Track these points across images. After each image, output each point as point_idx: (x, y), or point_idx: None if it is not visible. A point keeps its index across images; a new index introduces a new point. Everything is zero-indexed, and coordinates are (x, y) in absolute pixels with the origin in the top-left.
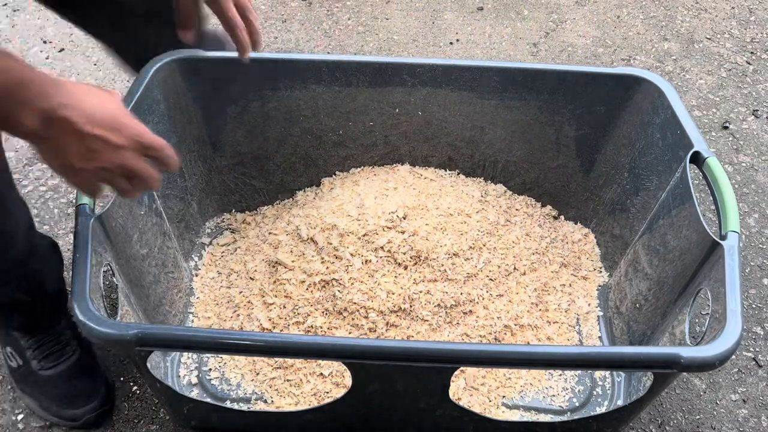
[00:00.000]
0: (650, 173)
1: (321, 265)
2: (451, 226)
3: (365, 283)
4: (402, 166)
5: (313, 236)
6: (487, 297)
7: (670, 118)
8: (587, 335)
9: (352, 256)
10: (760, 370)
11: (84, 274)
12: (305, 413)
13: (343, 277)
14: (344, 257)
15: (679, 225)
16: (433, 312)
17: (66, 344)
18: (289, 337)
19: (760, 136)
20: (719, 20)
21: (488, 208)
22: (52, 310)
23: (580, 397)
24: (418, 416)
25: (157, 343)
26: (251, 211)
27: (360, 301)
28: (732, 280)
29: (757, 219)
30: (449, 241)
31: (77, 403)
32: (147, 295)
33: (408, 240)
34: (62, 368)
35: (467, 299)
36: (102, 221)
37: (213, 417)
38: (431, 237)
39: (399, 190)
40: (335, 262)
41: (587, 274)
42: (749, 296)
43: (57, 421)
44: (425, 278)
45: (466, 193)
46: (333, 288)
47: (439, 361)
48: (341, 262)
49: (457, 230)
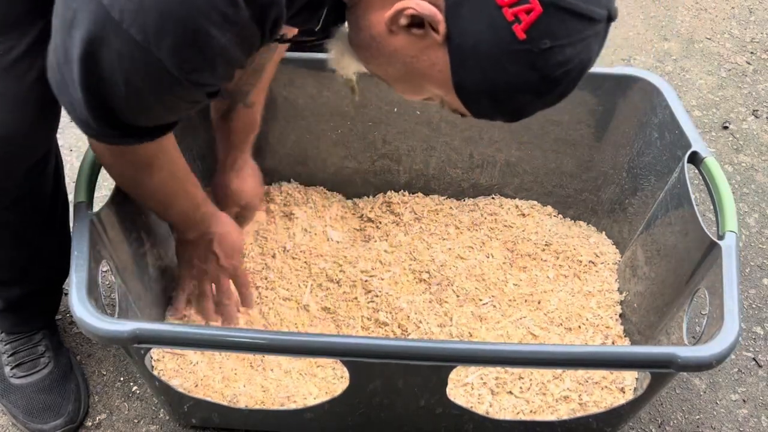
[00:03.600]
0: (648, 173)
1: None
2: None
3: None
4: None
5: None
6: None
7: (668, 118)
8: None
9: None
10: (760, 370)
11: (82, 271)
12: (305, 411)
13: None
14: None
15: (677, 225)
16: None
17: (41, 355)
18: (289, 336)
19: (760, 136)
20: (719, 20)
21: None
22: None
23: None
24: (419, 414)
25: (155, 340)
26: None
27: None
28: (729, 279)
29: (757, 219)
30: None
31: (44, 418)
32: (145, 292)
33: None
34: (33, 379)
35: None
36: (101, 218)
37: (213, 415)
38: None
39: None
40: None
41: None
42: (749, 296)
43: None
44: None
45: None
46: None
47: (435, 360)
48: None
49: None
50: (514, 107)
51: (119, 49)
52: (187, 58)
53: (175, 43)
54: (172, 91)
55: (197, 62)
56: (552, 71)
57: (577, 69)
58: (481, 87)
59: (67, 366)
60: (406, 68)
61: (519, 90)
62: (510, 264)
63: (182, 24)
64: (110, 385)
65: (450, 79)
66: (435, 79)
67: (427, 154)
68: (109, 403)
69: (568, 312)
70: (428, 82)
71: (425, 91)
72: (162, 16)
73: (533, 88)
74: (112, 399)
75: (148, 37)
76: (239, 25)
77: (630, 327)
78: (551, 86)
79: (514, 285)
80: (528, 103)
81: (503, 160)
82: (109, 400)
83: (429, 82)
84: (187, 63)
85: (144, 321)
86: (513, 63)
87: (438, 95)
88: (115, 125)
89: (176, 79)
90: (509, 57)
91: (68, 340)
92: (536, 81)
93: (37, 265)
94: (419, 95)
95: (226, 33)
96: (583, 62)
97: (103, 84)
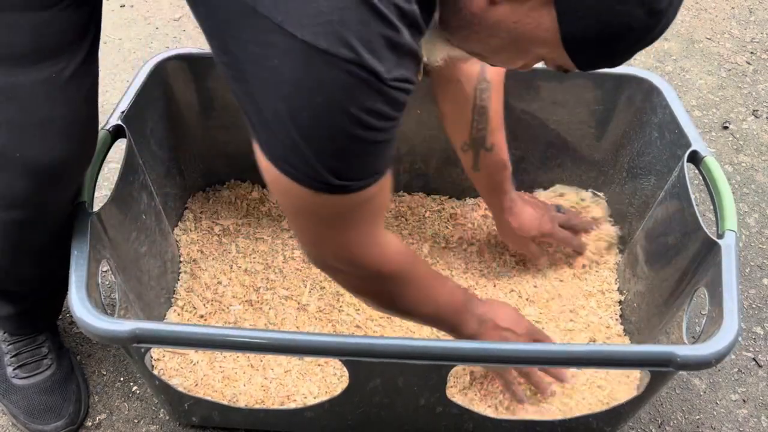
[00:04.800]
0: (648, 172)
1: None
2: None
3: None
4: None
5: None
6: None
7: (668, 118)
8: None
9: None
10: (760, 370)
11: (82, 271)
12: (305, 410)
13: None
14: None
15: (676, 224)
16: None
17: (44, 357)
18: (289, 335)
19: (760, 136)
20: (719, 20)
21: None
22: (45, 313)
23: None
24: (418, 414)
25: (155, 340)
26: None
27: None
28: (729, 279)
29: (757, 219)
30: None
31: (45, 419)
32: (146, 291)
33: None
34: (35, 381)
35: None
36: (101, 218)
37: (214, 414)
38: None
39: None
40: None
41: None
42: (749, 296)
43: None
44: None
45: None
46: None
47: (435, 359)
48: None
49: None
50: (621, 49)
51: (341, 81)
52: (388, 56)
53: (378, 45)
54: (383, 101)
55: (395, 58)
56: (658, 4)
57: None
58: (591, 34)
59: (68, 367)
60: (511, 36)
61: (628, 29)
62: (510, 264)
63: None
64: (110, 385)
65: (558, 34)
66: (542, 39)
67: (428, 154)
68: (109, 403)
69: (568, 312)
70: (535, 44)
71: (530, 55)
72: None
73: (642, 25)
74: (112, 399)
75: (358, 52)
76: (411, 18)
77: (630, 327)
78: (657, 19)
79: (515, 285)
80: (634, 43)
81: None
82: (109, 400)
83: (535, 44)
84: (389, 61)
85: (144, 321)
86: (621, 2)
87: (543, 55)
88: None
89: (386, 83)
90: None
91: (68, 340)
92: (644, 16)
93: (49, 277)
94: (522, 61)
95: (408, 28)
96: None
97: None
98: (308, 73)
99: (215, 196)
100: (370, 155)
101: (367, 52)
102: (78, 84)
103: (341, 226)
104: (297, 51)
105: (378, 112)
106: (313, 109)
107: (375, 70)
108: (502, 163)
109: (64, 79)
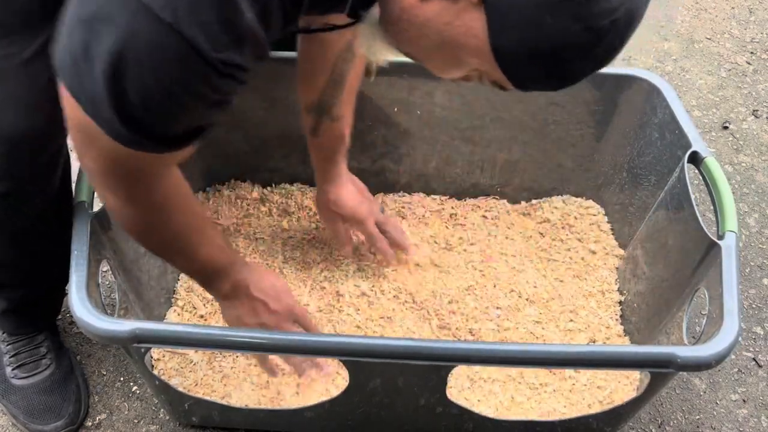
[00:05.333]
0: (648, 173)
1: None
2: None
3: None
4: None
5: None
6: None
7: (668, 118)
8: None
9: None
10: (760, 370)
11: (82, 270)
12: (305, 410)
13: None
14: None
15: (677, 225)
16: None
17: (42, 357)
18: (289, 335)
19: (760, 136)
20: (719, 20)
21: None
22: (44, 313)
23: None
24: (418, 414)
25: (155, 340)
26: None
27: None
28: (729, 279)
29: (757, 219)
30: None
31: (45, 419)
32: (146, 291)
33: None
34: (34, 381)
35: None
36: (100, 218)
37: (213, 414)
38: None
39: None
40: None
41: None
42: (749, 296)
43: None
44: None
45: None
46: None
47: (435, 359)
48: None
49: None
50: (559, 68)
51: (150, 40)
52: (217, 34)
53: (207, 20)
54: (204, 80)
55: (227, 40)
56: (597, 21)
57: (624, 18)
58: (522, 48)
59: (68, 367)
60: (441, 38)
61: (563, 46)
62: (510, 264)
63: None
64: (110, 385)
65: (488, 44)
66: (472, 46)
67: (428, 154)
68: (109, 403)
69: (568, 312)
70: (465, 51)
71: (462, 64)
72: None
73: (578, 43)
74: (112, 399)
75: (179, 17)
76: (263, 2)
77: (630, 327)
78: (597, 39)
79: (515, 285)
80: (574, 62)
81: (503, 160)
82: (109, 400)
83: (466, 52)
84: (218, 40)
85: (144, 321)
86: (554, 15)
87: (476, 67)
88: (142, 132)
89: (208, 62)
90: (549, 8)
91: (68, 340)
92: (580, 33)
93: (40, 267)
94: (456, 69)
95: (253, 8)
96: (631, 11)
97: (132, 84)
98: (122, 16)
99: (215, 196)
100: (169, 116)
101: (192, 25)
102: (43, 64)
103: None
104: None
105: (193, 90)
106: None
107: (193, 42)
108: (342, 136)
109: (25, 58)
